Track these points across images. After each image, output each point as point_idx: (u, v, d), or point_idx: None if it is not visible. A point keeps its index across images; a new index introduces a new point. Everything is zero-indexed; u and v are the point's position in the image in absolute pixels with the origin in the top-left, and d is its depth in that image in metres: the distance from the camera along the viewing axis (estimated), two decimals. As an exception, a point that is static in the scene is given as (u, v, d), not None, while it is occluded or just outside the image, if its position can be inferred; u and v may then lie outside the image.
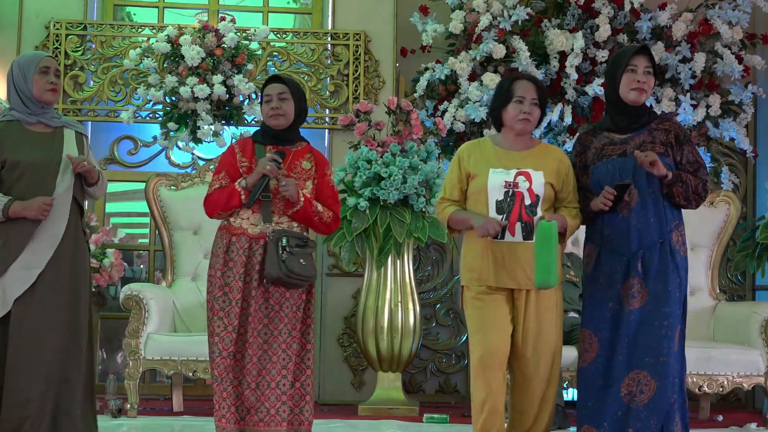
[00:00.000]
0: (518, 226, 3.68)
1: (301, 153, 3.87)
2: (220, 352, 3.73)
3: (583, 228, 5.87)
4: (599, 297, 3.71)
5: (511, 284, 3.70)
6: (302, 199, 3.75)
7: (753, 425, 5.31)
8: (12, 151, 3.89)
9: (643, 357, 3.57)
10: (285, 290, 3.75)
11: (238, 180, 3.79)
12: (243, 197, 3.76)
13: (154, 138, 6.42)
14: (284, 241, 3.68)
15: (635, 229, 3.65)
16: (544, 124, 6.12)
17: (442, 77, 6.18)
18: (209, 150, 6.36)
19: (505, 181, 3.68)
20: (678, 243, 3.67)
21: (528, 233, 3.68)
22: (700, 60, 6.12)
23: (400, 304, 5.62)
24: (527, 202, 3.69)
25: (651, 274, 3.61)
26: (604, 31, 6.08)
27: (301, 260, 3.68)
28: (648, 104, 3.86)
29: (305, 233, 3.85)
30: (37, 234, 3.87)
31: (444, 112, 6.12)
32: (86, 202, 4.16)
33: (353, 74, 6.45)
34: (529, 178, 3.70)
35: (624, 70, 3.73)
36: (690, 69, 6.15)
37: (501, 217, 3.66)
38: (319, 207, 3.81)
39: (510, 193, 3.68)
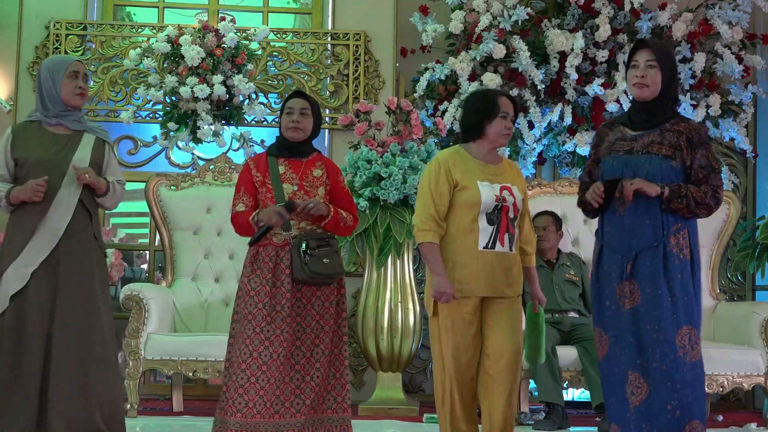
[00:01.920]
0: (506, 237, 3.83)
1: (312, 162, 4.04)
2: (251, 353, 3.84)
3: (584, 228, 5.95)
4: (602, 295, 3.69)
5: (496, 293, 3.81)
6: (332, 210, 3.95)
7: (753, 425, 5.31)
8: (23, 149, 3.96)
9: (635, 359, 3.54)
10: (316, 288, 3.94)
11: (252, 215, 3.94)
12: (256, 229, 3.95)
13: (154, 138, 6.42)
14: (304, 245, 3.86)
15: (628, 230, 3.61)
16: (545, 123, 6.13)
17: (442, 77, 6.18)
18: (209, 150, 6.36)
19: (495, 195, 3.82)
20: (677, 247, 3.57)
21: (512, 244, 3.85)
22: (700, 60, 6.12)
23: (400, 304, 5.62)
24: (511, 215, 3.84)
25: (642, 276, 3.56)
26: (604, 31, 6.08)
27: (325, 260, 3.88)
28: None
29: (328, 232, 4.00)
30: (37, 232, 3.89)
31: (444, 112, 6.12)
32: (98, 210, 4.13)
33: (353, 74, 6.45)
34: (512, 193, 3.86)
35: (628, 67, 3.71)
36: (690, 69, 6.15)
37: (492, 228, 3.79)
38: (343, 213, 4.01)
39: (499, 206, 3.82)
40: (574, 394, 6.34)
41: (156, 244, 6.42)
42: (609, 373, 3.66)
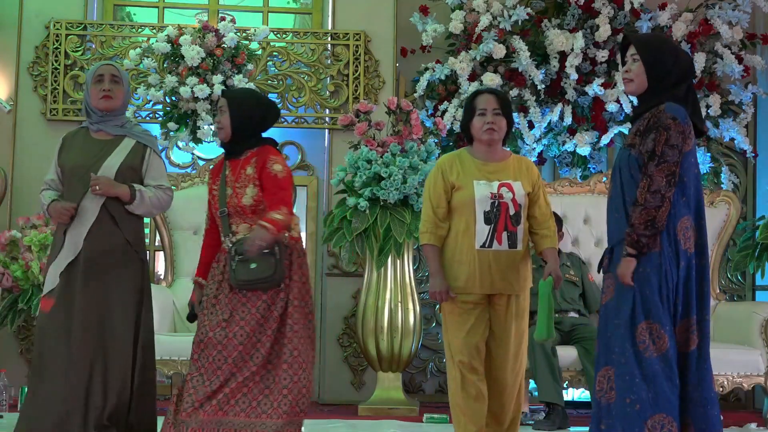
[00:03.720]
0: (504, 235, 3.85)
1: (247, 160, 3.88)
2: (225, 359, 3.84)
3: (584, 228, 5.95)
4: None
5: (497, 290, 3.86)
6: (269, 227, 3.73)
7: (753, 425, 5.31)
8: (65, 156, 4.06)
9: (610, 354, 3.56)
10: (262, 293, 3.80)
11: (194, 290, 4.00)
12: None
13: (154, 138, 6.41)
14: (233, 251, 3.79)
15: (607, 227, 3.66)
16: (545, 123, 6.12)
17: (442, 77, 6.18)
18: (209, 150, 6.36)
19: (491, 193, 3.85)
20: None
21: (513, 242, 3.85)
22: (700, 60, 6.12)
23: (400, 304, 5.62)
24: (511, 212, 3.85)
25: (614, 270, 3.57)
26: (604, 31, 6.08)
27: (252, 264, 3.75)
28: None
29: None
30: (68, 234, 3.97)
31: (444, 112, 6.12)
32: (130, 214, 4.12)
33: (353, 74, 6.45)
34: (511, 189, 3.87)
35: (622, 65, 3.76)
36: (690, 69, 6.15)
37: (489, 228, 3.82)
38: (275, 216, 3.74)
39: (496, 204, 3.84)
40: (574, 394, 6.34)
41: (156, 244, 6.42)
42: None
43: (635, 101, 3.78)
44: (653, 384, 3.46)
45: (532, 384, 5.47)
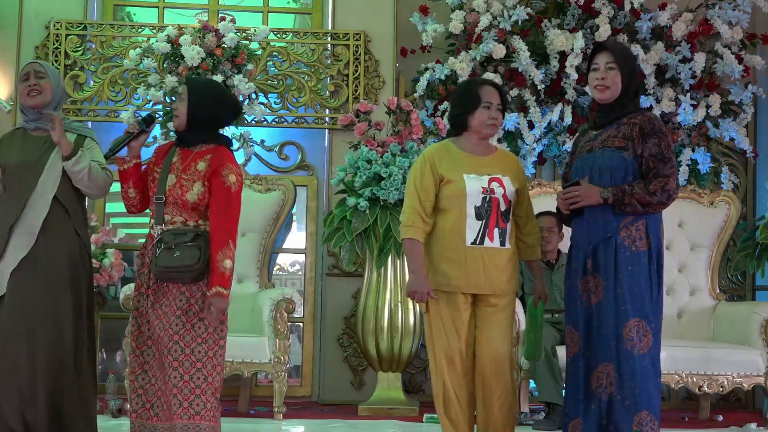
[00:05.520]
0: (496, 232, 3.74)
1: (200, 155, 3.72)
2: (133, 350, 3.74)
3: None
4: (572, 292, 3.76)
5: (486, 290, 3.74)
6: (224, 291, 3.59)
7: (753, 425, 5.31)
8: (5, 154, 4.00)
9: (605, 351, 3.61)
10: (181, 285, 3.66)
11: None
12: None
13: (154, 138, 6.41)
14: (159, 239, 3.66)
15: (587, 224, 3.70)
16: (545, 123, 6.13)
17: (442, 77, 6.18)
18: (209, 150, 6.35)
19: (482, 187, 3.73)
20: (629, 239, 3.61)
21: (503, 239, 3.75)
22: (700, 60, 6.12)
23: (400, 304, 5.63)
24: (502, 208, 3.75)
25: (601, 270, 3.64)
26: (604, 31, 6.08)
27: (175, 253, 3.60)
28: (646, 101, 3.78)
29: (197, 226, 3.69)
30: (14, 232, 3.88)
31: (444, 112, 6.12)
32: (79, 206, 4.09)
33: (353, 74, 6.45)
34: (502, 184, 3.76)
35: (589, 70, 3.80)
36: (690, 69, 6.15)
37: (480, 223, 3.71)
38: (224, 265, 3.60)
39: (487, 199, 3.73)
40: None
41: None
42: (580, 369, 3.71)
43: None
44: (640, 381, 3.56)
45: (531, 384, 5.47)
